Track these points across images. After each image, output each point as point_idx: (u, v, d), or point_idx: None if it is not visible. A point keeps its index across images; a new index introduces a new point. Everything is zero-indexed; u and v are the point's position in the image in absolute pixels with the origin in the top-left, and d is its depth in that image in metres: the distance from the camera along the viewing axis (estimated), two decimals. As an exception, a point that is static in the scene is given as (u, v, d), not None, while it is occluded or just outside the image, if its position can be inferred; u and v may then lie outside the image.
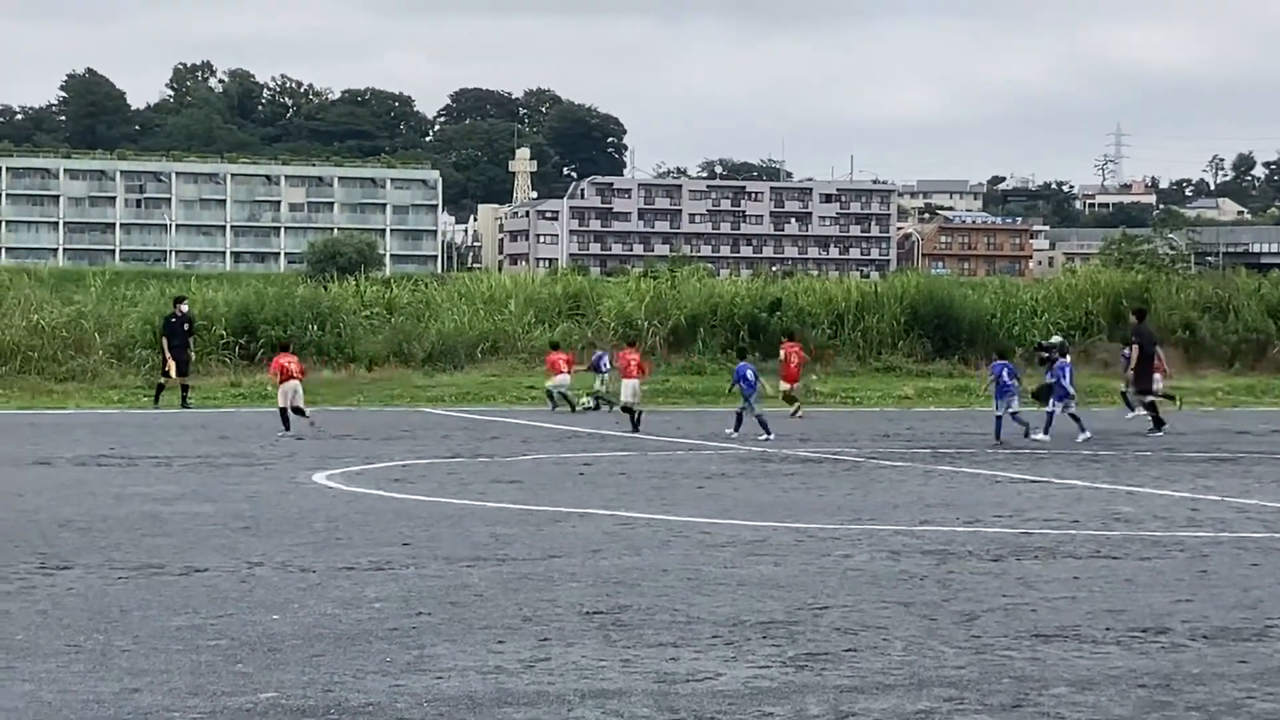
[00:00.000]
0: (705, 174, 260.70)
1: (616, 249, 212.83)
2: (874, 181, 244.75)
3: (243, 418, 38.12)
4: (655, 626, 12.94)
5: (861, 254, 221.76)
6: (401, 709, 10.28)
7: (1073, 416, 33.53)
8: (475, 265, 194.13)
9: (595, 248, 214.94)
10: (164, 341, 41.19)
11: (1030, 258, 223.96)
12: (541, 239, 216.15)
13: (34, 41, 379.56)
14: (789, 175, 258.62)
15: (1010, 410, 32.51)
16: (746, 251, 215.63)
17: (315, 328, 51.92)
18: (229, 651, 11.93)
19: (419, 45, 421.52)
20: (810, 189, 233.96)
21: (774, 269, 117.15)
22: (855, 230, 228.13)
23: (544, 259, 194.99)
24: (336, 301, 55.28)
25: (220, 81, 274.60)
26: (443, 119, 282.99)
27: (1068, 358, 37.73)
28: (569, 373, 41.51)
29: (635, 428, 34.91)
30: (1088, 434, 32.90)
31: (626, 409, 36.26)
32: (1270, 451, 31.15)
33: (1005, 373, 32.98)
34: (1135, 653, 12.14)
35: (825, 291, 59.55)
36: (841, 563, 16.40)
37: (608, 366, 41.99)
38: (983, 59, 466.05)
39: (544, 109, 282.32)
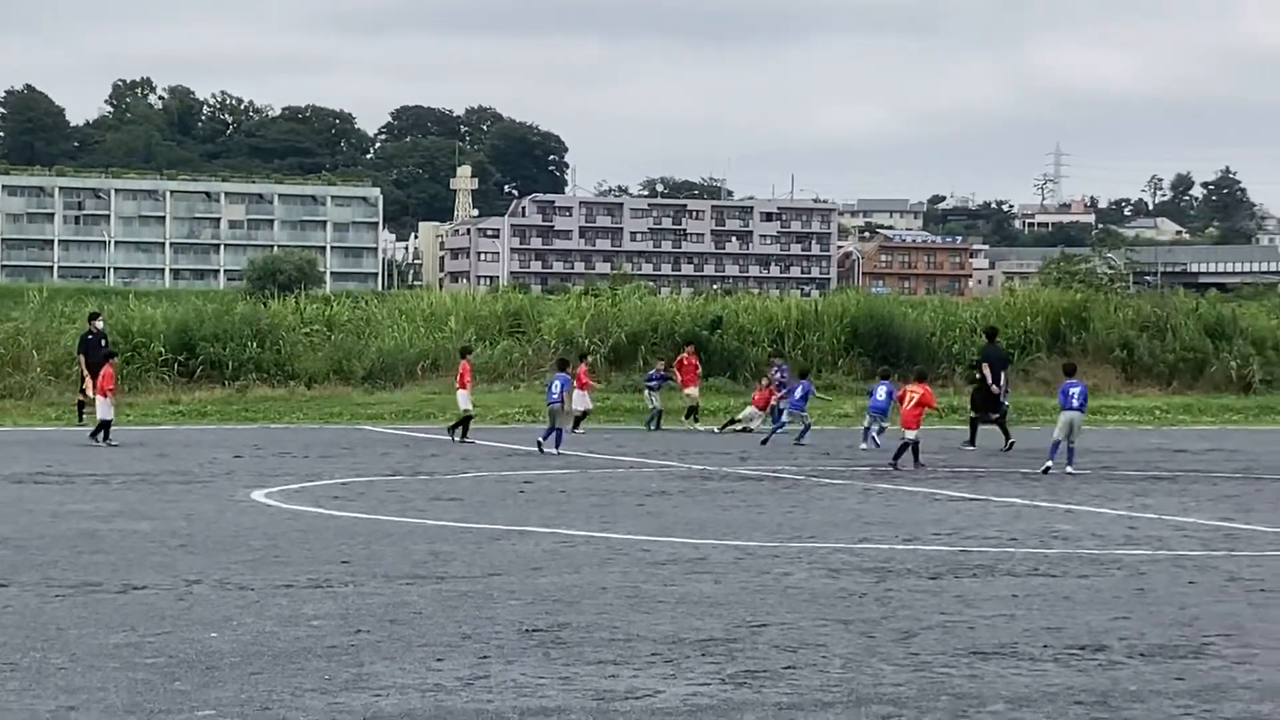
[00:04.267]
0: (646, 192, 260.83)
1: (558, 267, 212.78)
2: (815, 200, 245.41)
3: (182, 435, 37.93)
4: (594, 644, 12.94)
5: (802, 272, 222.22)
6: (340, 727, 10.25)
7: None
8: (416, 283, 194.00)
9: (536, 265, 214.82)
10: (81, 359, 40.84)
11: (970, 277, 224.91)
12: (482, 257, 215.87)
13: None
14: (730, 194, 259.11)
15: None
16: (687, 269, 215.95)
17: (255, 345, 51.67)
18: (166, 669, 11.87)
19: (360, 63, 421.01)
20: (751, 207, 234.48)
21: (715, 287, 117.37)
22: (796, 249, 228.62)
23: (485, 277, 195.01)
24: (276, 319, 55.00)
25: (160, 98, 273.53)
26: (384, 136, 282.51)
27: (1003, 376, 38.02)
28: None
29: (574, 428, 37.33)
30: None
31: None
32: (1207, 470, 31.32)
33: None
34: (1073, 670, 12.19)
35: (766, 310, 59.63)
36: (781, 580, 16.42)
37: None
38: (924, 79, 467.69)
39: (485, 127, 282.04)
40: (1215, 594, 15.92)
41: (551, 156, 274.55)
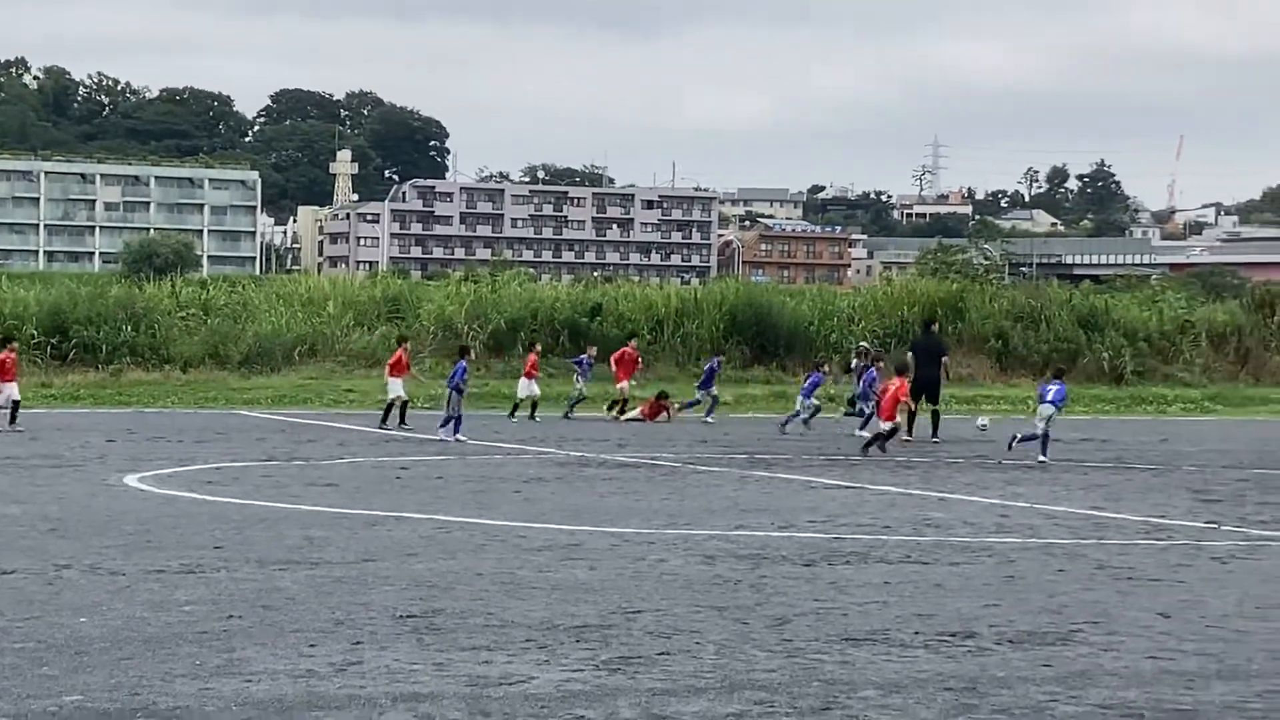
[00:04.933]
0: (528, 179, 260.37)
1: (438, 252, 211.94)
2: (696, 189, 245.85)
3: (54, 418, 37.55)
4: (469, 630, 12.93)
5: (682, 260, 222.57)
6: (210, 712, 10.19)
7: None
8: (294, 267, 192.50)
9: (416, 251, 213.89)
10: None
11: (849, 266, 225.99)
12: (362, 242, 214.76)
13: None
14: (611, 181, 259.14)
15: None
16: (568, 257, 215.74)
17: (129, 328, 51.18)
18: (35, 654, 11.76)
19: (239, 45, 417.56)
20: (632, 195, 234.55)
21: (595, 274, 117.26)
22: (676, 237, 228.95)
23: (364, 262, 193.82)
24: (152, 302, 54.49)
25: (35, 78, 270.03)
26: (262, 119, 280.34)
27: (875, 367, 38.41)
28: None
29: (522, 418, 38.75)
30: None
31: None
32: (1079, 459, 31.66)
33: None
34: (943, 656, 12.30)
35: (646, 297, 59.71)
36: (656, 567, 16.47)
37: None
38: (804, 69, 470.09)
39: (365, 111, 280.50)
40: (1084, 582, 16.10)
41: (432, 142, 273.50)
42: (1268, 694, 11.27)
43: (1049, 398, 31.79)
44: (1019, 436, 31.39)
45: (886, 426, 32.48)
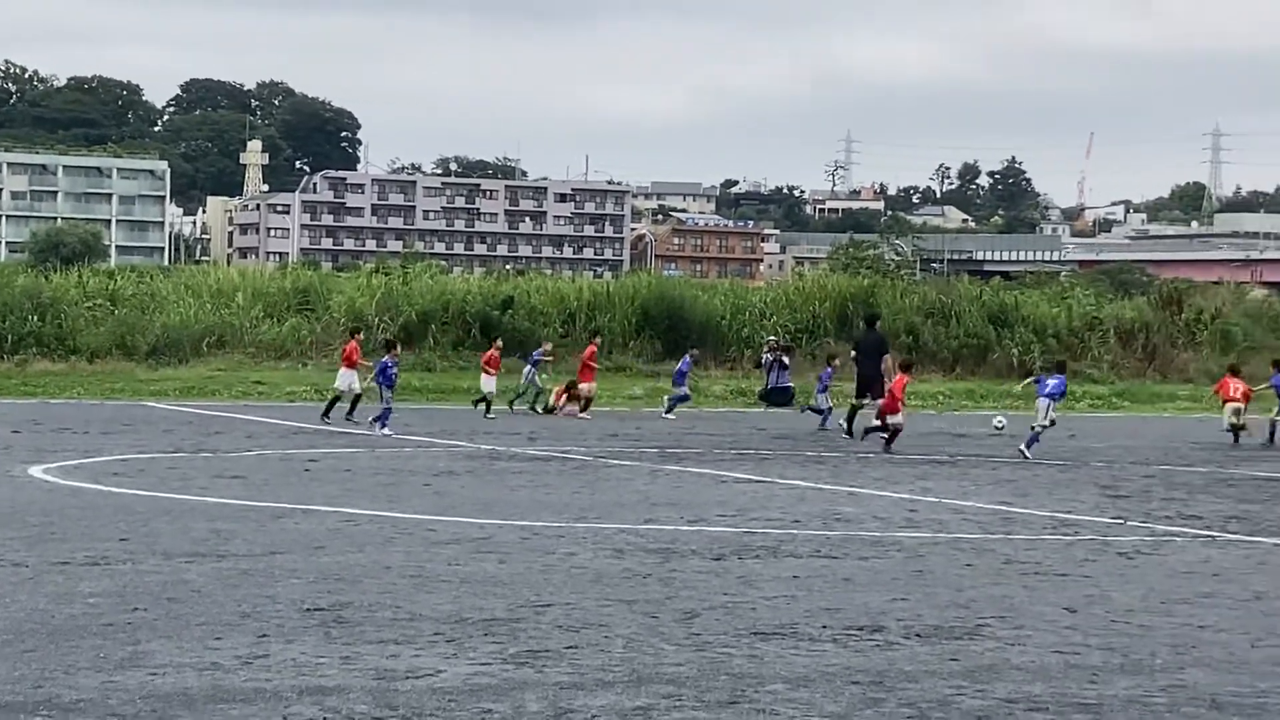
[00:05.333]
0: (440, 171, 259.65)
1: (349, 244, 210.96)
2: (609, 182, 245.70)
3: (-42, 409, 37.17)
4: (376, 624, 12.87)
5: (595, 254, 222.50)
6: (114, 705, 10.09)
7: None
8: (203, 258, 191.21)
9: (327, 243, 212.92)
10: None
11: (761, 261, 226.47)
12: (272, 233, 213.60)
13: None
14: (524, 174, 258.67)
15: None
16: (480, 249, 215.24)
17: (35, 318, 50.85)
18: (-65, 647, 11.63)
19: (148, 34, 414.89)
20: (545, 188, 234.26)
21: (507, 267, 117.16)
22: (589, 230, 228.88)
23: (274, 253, 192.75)
24: (58, 292, 54.14)
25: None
26: (172, 109, 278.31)
27: (787, 360, 38.61)
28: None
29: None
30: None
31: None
32: (988, 455, 31.83)
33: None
34: (851, 650, 12.33)
35: (558, 290, 59.75)
36: (566, 560, 16.44)
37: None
38: (718, 62, 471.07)
39: (276, 101, 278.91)
40: (991, 576, 16.17)
41: (344, 133, 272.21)
42: (1171, 688, 11.35)
43: (1047, 390, 32.21)
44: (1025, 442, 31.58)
45: (896, 420, 32.23)
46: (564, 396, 40.68)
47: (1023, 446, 31.05)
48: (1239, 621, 14.06)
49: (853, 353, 38.01)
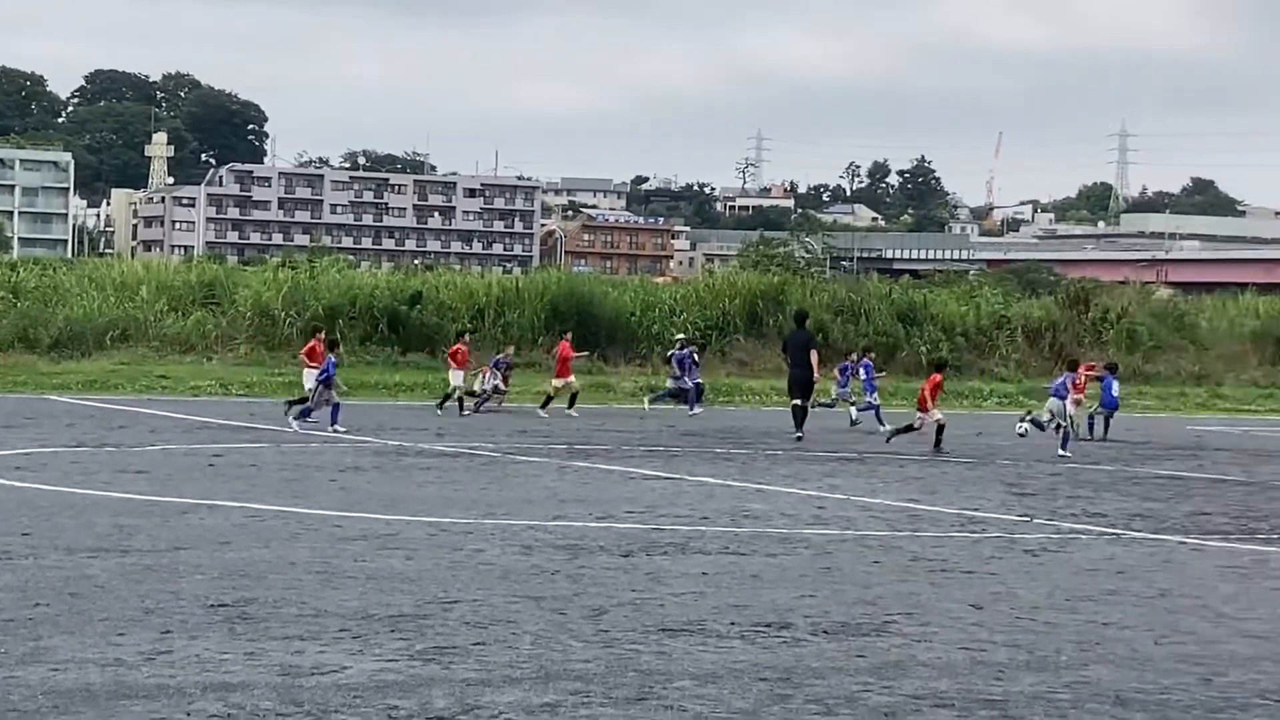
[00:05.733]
0: (348, 165, 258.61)
1: (255, 238, 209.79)
2: (519, 178, 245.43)
3: None
4: (281, 619, 12.77)
5: (504, 249, 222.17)
6: (15, 701, 9.98)
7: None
8: (107, 251, 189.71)
9: (233, 236, 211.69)
10: None
11: (671, 257, 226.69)
12: (177, 226, 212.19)
13: None
14: (433, 169, 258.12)
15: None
16: (389, 244, 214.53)
17: (-64, 311, 50.29)
18: None
19: (53, 24, 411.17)
20: (454, 183, 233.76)
21: (416, 262, 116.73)
22: (499, 226, 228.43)
23: (179, 246, 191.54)
24: (-41, 284, 53.59)
25: None
26: (76, 100, 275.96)
27: (696, 357, 38.69)
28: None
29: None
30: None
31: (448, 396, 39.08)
32: (895, 453, 31.93)
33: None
34: (758, 647, 12.33)
35: (467, 286, 59.63)
36: (474, 557, 16.38)
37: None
38: (629, 58, 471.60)
39: (183, 93, 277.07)
40: (899, 573, 16.22)
41: (251, 126, 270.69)
42: (1076, 684, 11.41)
43: (1051, 391, 34.07)
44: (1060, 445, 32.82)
45: (936, 417, 32.79)
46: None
47: (1062, 451, 32.36)
48: (1143, 618, 14.16)
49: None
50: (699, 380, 42.24)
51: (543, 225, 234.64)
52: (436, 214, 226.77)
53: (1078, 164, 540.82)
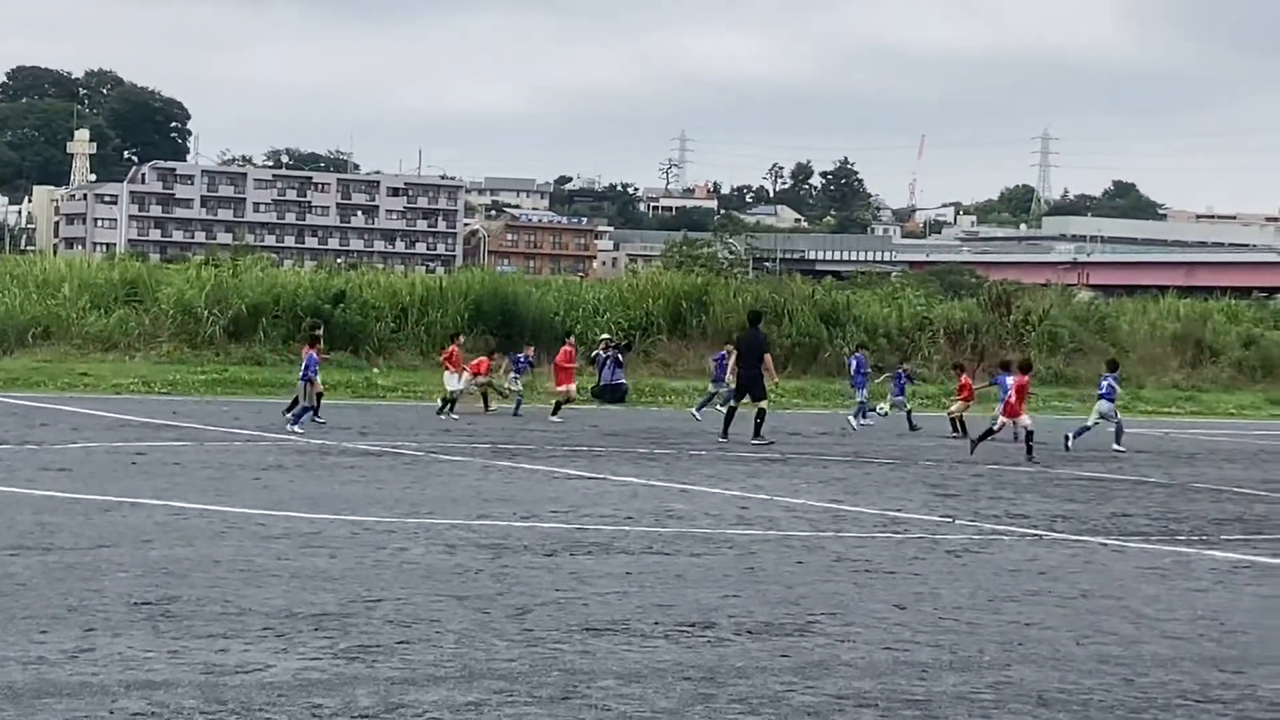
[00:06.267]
0: (271, 163, 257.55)
1: (178, 236, 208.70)
2: (442, 177, 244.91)
3: None
4: (205, 618, 12.73)
5: (428, 249, 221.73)
6: (-65, 701, 9.92)
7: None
8: (29, 248, 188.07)
9: (156, 234, 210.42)
10: None
11: (595, 258, 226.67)
12: (99, 223, 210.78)
13: None
14: (357, 167, 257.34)
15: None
16: (312, 243, 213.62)
17: None
18: None
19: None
20: (378, 182, 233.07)
21: (339, 261, 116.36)
22: (422, 225, 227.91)
23: (101, 244, 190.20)
24: (-122, 281, 53.09)
25: None
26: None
27: (621, 357, 38.74)
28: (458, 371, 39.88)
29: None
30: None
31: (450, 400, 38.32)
32: (818, 453, 32.05)
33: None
34: (682, 646, 12.37)
35: (390, 285, 59.42)
36: (397, 556, 16.36)
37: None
38: (553, 58, 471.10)
39: (105, 90, 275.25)
40: (822, 573, 16.28)
41: (173, 123, 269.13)
42: (999, 684, 11.48)
43: (1100, 392, 36.10)
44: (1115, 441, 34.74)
45: (1025, 422, 32.78)
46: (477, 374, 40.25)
47: (1116, 445, 34.23)
48: (1065, 619, 14.27)
49: (728, 349, 36.88)
50: (623, 381, 42.24)
51: (466, 225, 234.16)
52: (360, 213, 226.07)
53: (1000, 166, 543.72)
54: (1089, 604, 15.16)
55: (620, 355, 42.77)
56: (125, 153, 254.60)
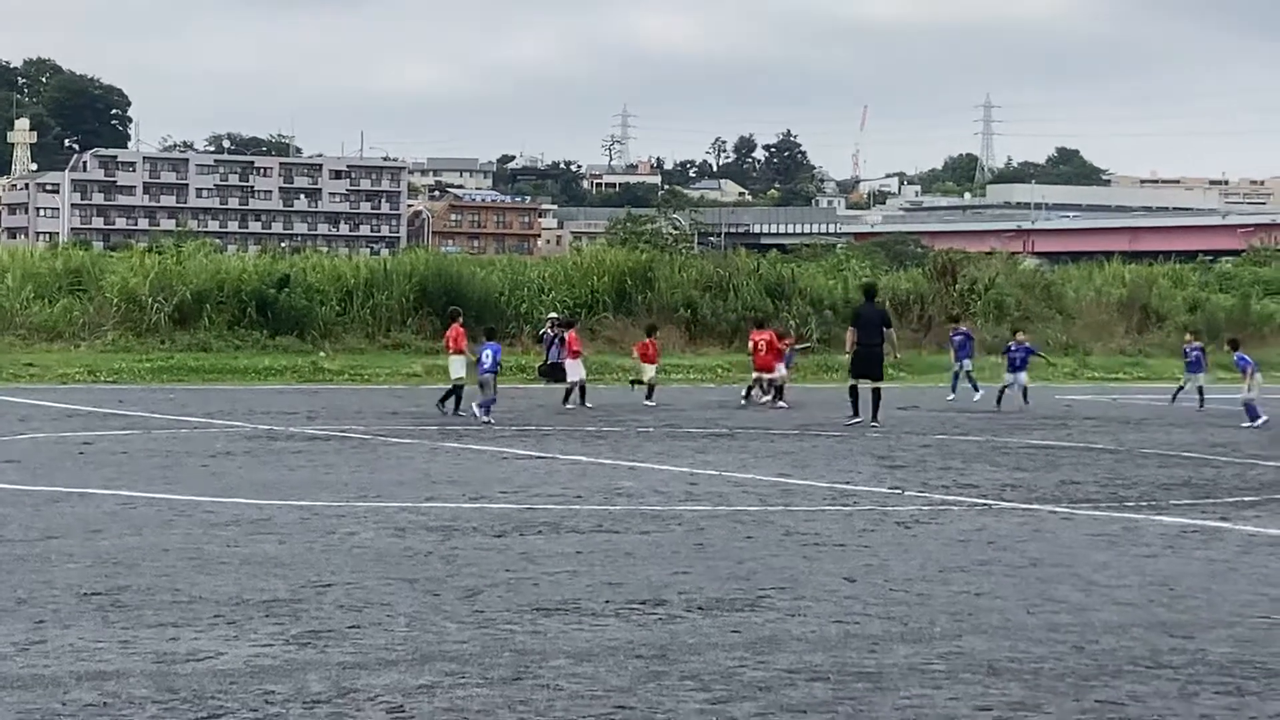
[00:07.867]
0: (213, 149, 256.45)
1: (121, 223, 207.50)
2: (384, 158, 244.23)
3: None
4: (155, 607, 12.70)
5: (372, 231, 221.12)
6: (-116, 698, 9.88)
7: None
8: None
9: (99, 222, 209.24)
10: None
11: (539, 236, 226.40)
12: (41, 212, 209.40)
13: None
14: (299, 151, 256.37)
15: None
16: (255, 227, 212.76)
17: None
18: None
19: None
20: (320, 165, 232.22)
21: (283, 245, 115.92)
22: (365, 207, 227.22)
23: (44, 233, 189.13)
24: None
25: None
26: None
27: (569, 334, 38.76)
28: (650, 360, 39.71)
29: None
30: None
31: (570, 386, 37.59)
32: (765, 427, 32.12)
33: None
34: (633, 624, 12.39)
35: (334, 268, 59.33)
36: (346, 540, 16.35)
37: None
38: (493, 37, 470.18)
39: (44, 79, 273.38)
40: (771, 548, 16.32)
41: (114, 111, 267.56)
42: (950, 655, 11.53)
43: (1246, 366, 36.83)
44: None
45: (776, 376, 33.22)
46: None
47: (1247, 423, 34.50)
48: (1015, 588, 14.33)
49: (850, 330, 34.35)
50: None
51: (409, 206, 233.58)
52: (302, 196, 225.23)
53: (943, 136, 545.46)
54: (1039, 572, 15.23)
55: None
56: (66, 141, 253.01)
